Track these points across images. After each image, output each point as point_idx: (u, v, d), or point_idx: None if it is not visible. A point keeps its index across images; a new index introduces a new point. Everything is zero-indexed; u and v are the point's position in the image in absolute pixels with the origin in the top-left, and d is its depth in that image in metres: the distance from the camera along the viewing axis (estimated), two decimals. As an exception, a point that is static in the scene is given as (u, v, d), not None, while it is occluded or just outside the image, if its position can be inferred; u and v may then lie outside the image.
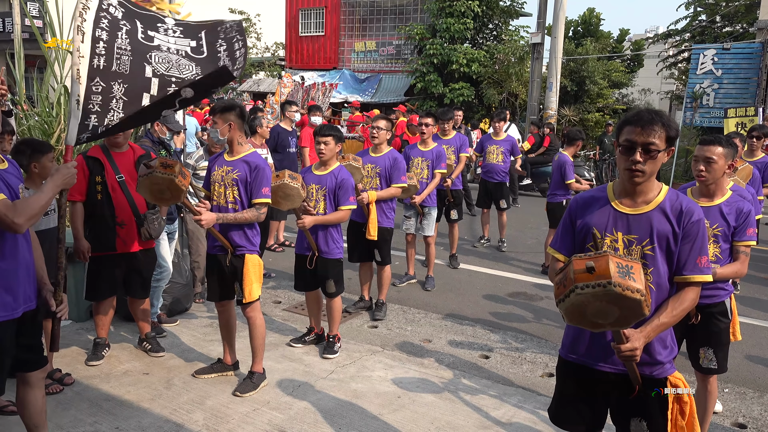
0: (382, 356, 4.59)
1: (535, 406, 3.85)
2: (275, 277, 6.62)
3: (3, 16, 23.21)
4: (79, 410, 3.58)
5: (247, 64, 23.52)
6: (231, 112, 3.77)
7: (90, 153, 4.11)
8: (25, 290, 2.64)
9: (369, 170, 5.33)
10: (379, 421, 3.62)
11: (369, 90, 21.26)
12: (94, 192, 4.06)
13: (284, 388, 3.97)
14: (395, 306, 5.83)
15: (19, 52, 6.55)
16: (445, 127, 7.05)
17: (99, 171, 4.07)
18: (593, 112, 19.38)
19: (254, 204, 3.76)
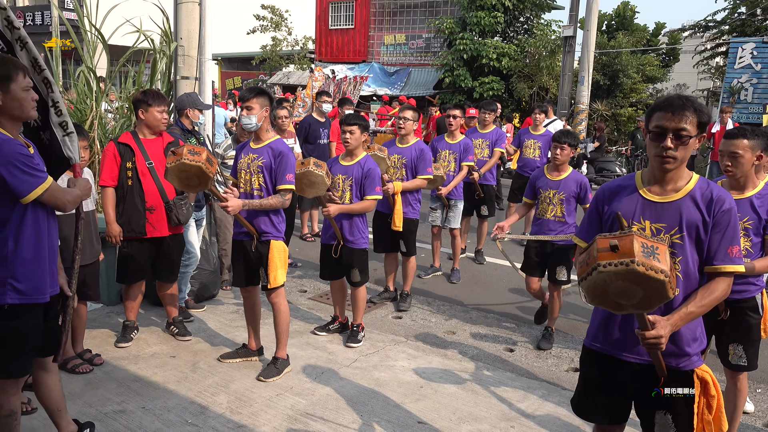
0: (405, 346, 4.59)
1: (560, 400, 3.81)
2: (301, 266, 6.67)
3: (41, 9, 23.79)
4: (108, 390, 3.66)
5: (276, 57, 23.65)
6: (266, 96, 3.81)
7: (121, 139, 4.19)
8: (52, 275, 2.71)
9: (395, 161, 5.32)
10: (401, 409, 3.62)
11: (398, 83, 21.20)
12: (125, 178, 4.14)
13: (308, 375, 4.01)
14: (420, 297, 5.82)
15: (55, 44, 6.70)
16: (485, 117, 6.97)
17: (130, 157, 4.15)
18: (626, 107, 19.01)
19: (279, 190, 3.79)
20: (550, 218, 4.63)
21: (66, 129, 2.93)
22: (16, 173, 2.46)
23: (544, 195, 4.67)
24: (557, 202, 4.61)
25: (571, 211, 4.65)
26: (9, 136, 2.52)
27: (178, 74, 5.57)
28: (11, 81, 2.49)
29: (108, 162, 4.12)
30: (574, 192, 4.61)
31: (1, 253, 2.51)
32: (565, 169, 4.67)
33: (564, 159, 4.59)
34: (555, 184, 4.63)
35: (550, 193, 4.64)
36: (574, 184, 4.63)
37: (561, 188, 4.61)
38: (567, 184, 4.61)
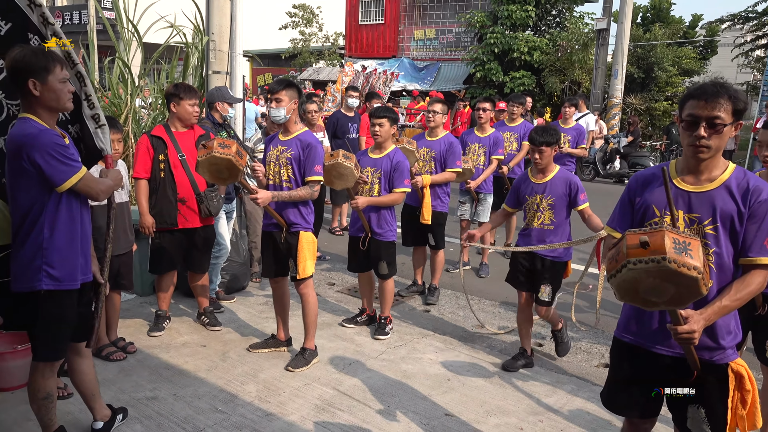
0: (433, 339, 4.58)
1: (589, 395, 3.76)
2: (330, 259, 6.71)
3: (78, 9, 24.36)
4: (141, 377, 3.75)
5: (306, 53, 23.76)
6: (295, 89, 3.84)
7: (154, 132, 4.27)
8: (84, 262, 2.77)
9: (424, 154, 5.30)
10: (428, 401, 3.62)
11: (428, 78, 21.12)
12: (158, 170, 4.22)
13: (335, 366, 4.03)
14: (448, 291, 5.80)
15: (92, 41, 6.87)
16: (513, 111, 6.90)
17: (162, 149, 4.22)
18: (661, 101, 18.57)
19: (307, 182, 3.81)
20: (538, 227, 4.04)
21: (98, 121, 3.00)
22: (52, 162, 2.52)
23: (531, 202, 4.06)
24: (545, 207, 4.03)
25: (563, 219, 4.04)
26: (46, 126, 2.59)
27: (210, 69, 5.65)
28: (49, 73, 2.56)
29: (141, 154, 4.20)
30: (563, 193, 4.00)
31: (37, 240, 2.58)
32: (551, 169, 4.06)
33: (545, 162, 3.99)
34: (540, 187, 4.03)
35: (536, 198, 4.04)
36: (562, 184, 4.00)
37: (548, 191, 4.01)
38: (554, 185, 4.01)
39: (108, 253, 3.04)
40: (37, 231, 2.58)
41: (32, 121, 2.57)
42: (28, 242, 2.59)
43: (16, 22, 3.00)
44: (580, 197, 4.03)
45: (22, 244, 2.60)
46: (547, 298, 4.08)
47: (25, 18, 2.99)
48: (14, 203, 2.61)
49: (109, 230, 3.05)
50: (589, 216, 4.03)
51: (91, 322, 2.93)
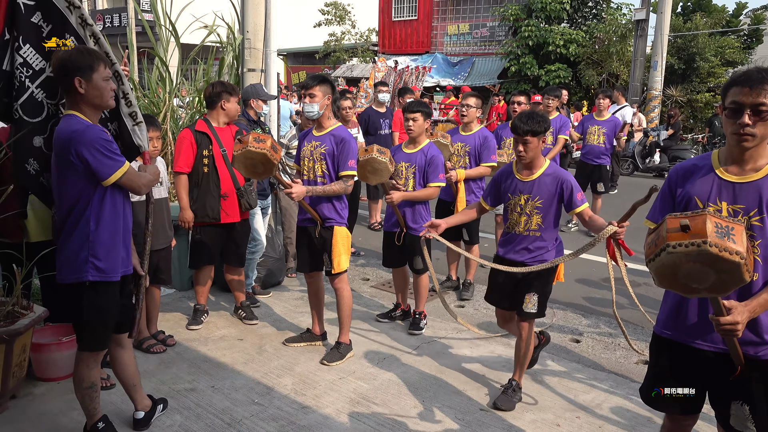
0: (468, 335, 4.56)
1: (628, 392, 3.69)
2: (365, 255, 6.74)
3: (118, 12, 24.98)
4: (180, 369, 3.83)
5: (340, 51, 23.87)
6: (328, 84, 3.86)
7: (197, 127, 4.32)
8: (126, 255, 2.85)
9: (458, 149, 5.27)
10: (463, 396, 3.60)
11: (461, 73, 20.98)
12: (200, 165, 4.28)
13: (370, 360, 4.05)
14: (483, 286, 5.72)
15: (131, 43, 7.05)
16: (549, 103, 6.80)
17: (206, 145, 4.29)
18: (703, 92, 18.03)
19: (341, 176, 3.83)
20: (523, 233, 3.43)
21: (135, 119, 3.08)
22: (99, 157, 2.60)
23: (513, 202, 3.44)
24: (532, 211, 3.39)
25: (552, 223, 3.44)
26: (91, 123, 2.67)
27: (245, 67, 5.72)
28: (94, 71, 2.63)
29: (185, 149, 4.25)
30: (553, 194, 3.37)
31: (84, 232, 2.66)
32: (539, 164, 3.42)
33: (531, 155, 3.34)
34: (526, 186, 3.40)
35: (520, 199, 3.41)
36: (553, 183, 3.37)
37: (535, 192, 3.37)
38: (542, 185, 3.36)
39: (147, 246, 3.11)
40: (83, 224, 2.66)
41: (78, 117, 2.65)
42: (75, 235, 2.67)
43: (56, 24, 3.10)
44: (577, 197, 3.36)
45: (68, 237, 2.68)
46: (533, 308, 3.41)
47: (64, 19, 3.09)
48: (61, 197, 2.70)
49: (147, 224, 3.12)
50: (590, 218, 3.32)
51: (132, 314, 3.01)
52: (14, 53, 3.08)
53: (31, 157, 3.16)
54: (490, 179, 3.68)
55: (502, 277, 3.52)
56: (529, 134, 3.28)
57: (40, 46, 3.09)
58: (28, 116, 3.12)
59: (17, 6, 3.04)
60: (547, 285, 3.50)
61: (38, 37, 3.09)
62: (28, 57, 3.08)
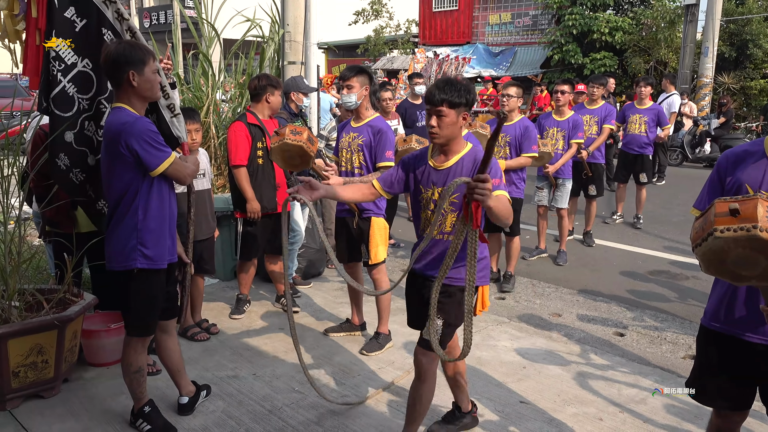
0: (508, 327, 4.51)
1: (675, 387, 3.58)
2: (404, 246, 6.73)
3: (165, 9, 25.56)
4: (223, 356, 3.91)
5: (380, 42, 23.80)
6: (366, 75, 3.87)
7: (249, 120, 4.36)
8: (171, 243, 2.92)
9: (499, 139, 5.20)
10: (503, 388, 3.57)
11: (503, 64, 20.68)
12: (255, 157, 4.33)
13: (409, 350, 4.04)
14: (524, 279, 5.69)
15: (177, 39, 7.22)
16: (594, 92, 6.63)
17: (260, 137, 4.34)
18: (757, 79, 17.28)
19: (379, 167, 3.83)
20: (436, 236, 2.63)
21: (173, 111, 3.15)
22: (147, 148, 2.67)
23: (426, 197, 2.65)
24: (447, 208, 2.60)
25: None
26: (140, 115, 2.74)
27: (285, 60, 5.78)
28: (145, 64, 2.70)
29: (242, 142, 4.28)
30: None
31: (133, 221, 2.74)
32: (458, 148, 2.60)
33: (447, 132, 2.52)
34: (440, 176, 2.60)
35: (434, 193, 2.63)
36: (471, 169, 2.53)
37: (449, 182, 2.49)
38: (459, 173, 2.55)
39: (191, 235, 3.19)
40: (131, 213, 2.74)
41: (127, 110, 2.72)
42: (123, 224, 2.75)
43: (91, 19, 3.18)
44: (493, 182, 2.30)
45: (117, 226, 2.77)
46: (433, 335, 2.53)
47: (100, 14, 3.17)
48: (110, 188, 2.78)
49: (190, 214, 3.20)
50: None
51: (178, 301, 3.10)
52: (48, 48, 3.18)
53: (62, 152, 3.25)
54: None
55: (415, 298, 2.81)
56: (444, 104, 2.47)
57: (73, 41, 3.18)
58: (59, 110, 3.22)
59: (51, 1, 3.13)
60: (455, 310, 2.66)
61: (71, 32, 3.18)
62: (61, 51, 3.18)
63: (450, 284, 2.64)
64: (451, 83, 2.52)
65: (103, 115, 3.31)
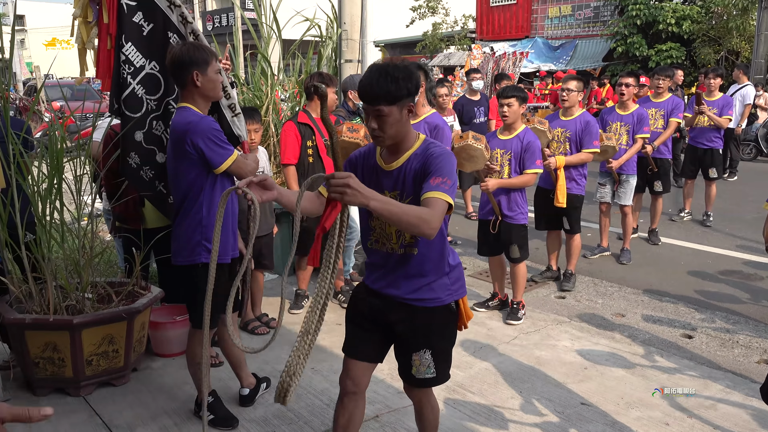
0: (568, 327, 4.41)
1: (747, 393, 3.42)
2: (461, 244, 6.68)
3: (226, 12, 26.30)
4: (282, 350, 3.99)
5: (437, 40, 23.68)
6: (421, 72, 3.87)
7: (300, 119, 4.44)
8: (234, 239, 3.00)
9: (558, 135, 5.08)
10: (563, 389, 3.49)
11: (563, 57, 20.17)
12: (305, 155, 4.40)
13: (466, 348, 4.01)
14: (585, 278, 5.54)
15: (238, 40, 7.41)
16: (659, 84, 6.36)
17: (310, 135, 4.41)
18: (841, 68, 16.19)
19: (436, 164, 3.80)
20: (397, 250, 2.26)
21: (234, 110, 3.24)
22: (212, 146, 2.75)
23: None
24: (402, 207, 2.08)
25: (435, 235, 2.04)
26: (204, 114, 2.82)
27: (342, 58, 5.83)
28: (208, 65, 2.78)
29: (291, 141, 4.36)
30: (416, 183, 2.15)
31: (197, 217, 2.84)
32: (406, 145, 2.21)
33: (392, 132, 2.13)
34: (390, 178, 2.24)
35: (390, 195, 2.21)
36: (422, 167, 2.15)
37: (400, 185, 2.21)
38: (409, 173, 2.19)
39: (251, 231, 3.26)
40: (196, 209, 2.83)
41: (192, 109, 2.81)
42: (188, 220, 2.85)
43: (158, 23, 3.31)
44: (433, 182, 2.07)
45: (182, 222, 2.87)
46: (428, 374, 2.34)
47: (165, 18, 3.30)
48: (176, 185, 2.89)
49: (250, 211, 3.27)
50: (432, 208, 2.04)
51: (240, 295, 3.17)
52: (118, 52, 3.32)
53: (133, 151, 3.40)
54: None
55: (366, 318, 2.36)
56: (382, 102, 2.06)
57: (141, 45, 3.31)
58: (129, 111, 3.36)
59: (120, 7, 3.27)
60: (443, 336, 2.36)
61: (139, 35, 3.32)
62: (130, 55, 3.32)
63: (425, 306, 2.28)
64: (385, 73, 2.05)
65: (171, 115, 3.43)
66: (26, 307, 3.35)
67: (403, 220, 1.91)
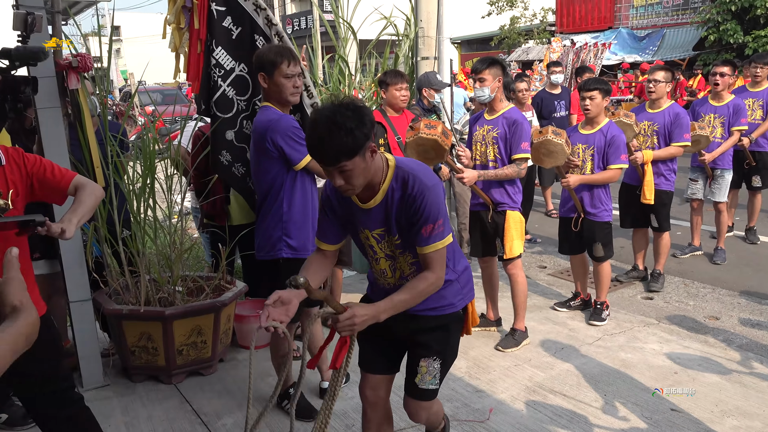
0: (656, 329, 4.20)
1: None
2: (541, 242, 6.53)
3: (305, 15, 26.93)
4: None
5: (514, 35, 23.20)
6: (498, 66, 3.79)
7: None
8: (314, 234, 3.05)
9: (645, 128, 4.85)
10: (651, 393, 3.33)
11: (650, 48, 19.22)
12: None
13: (547, 349, 3.92)
14: (675, 278, 5.26)
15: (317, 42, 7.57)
16: (757, 72, 5.89)
17: (381, 134, 4.45)
18: None
19: (514, 160, 3.74)
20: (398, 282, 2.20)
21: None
22: (291, 144, 2.83)
23: (362, 237, 2.23)
24: (394, 252, 2.17)
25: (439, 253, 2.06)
26: (283, 113, 2.90)
27: (418, 55, 5.82)
28: (275, 68, 2.84)
29: None
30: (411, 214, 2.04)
31: (278, 213, 2.92)
32: (377, 180, 2.05)
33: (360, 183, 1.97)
34: (368, 217, 2.13)
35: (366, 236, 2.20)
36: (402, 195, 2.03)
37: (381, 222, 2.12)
38: (390, 207, 2.06)
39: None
40: (277, 206, 2.92)
41: (272, 108, 2.90)
42: (270, 216, 2.94)
43: (245, 26, 3.43)
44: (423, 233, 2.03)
45: (265, 218, 2.97)
46: (432, 384, 2.24)
47: (252, 22, 3.41)
48: (258, 182, 2.99)
49: None
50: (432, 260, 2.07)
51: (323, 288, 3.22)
52: (209, 56, 3.47)
53: (224, 149, 3.54)
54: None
55: (375, 332, 2.14)
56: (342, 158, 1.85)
57: (230, 48, 3.44)
58: (220, 112, 3.51)
59: (211, 13, 3.41)
60: (448, 343, 2.27)
61: (228, 39, 3.45)
62: (220, 58, 3.46)
63: (437, 314, 2.20)
64: (335, 126, 1.80)
65: None
66: (123, 299, 3.58)
67: (418, 301, 2.04)
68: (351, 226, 2.19)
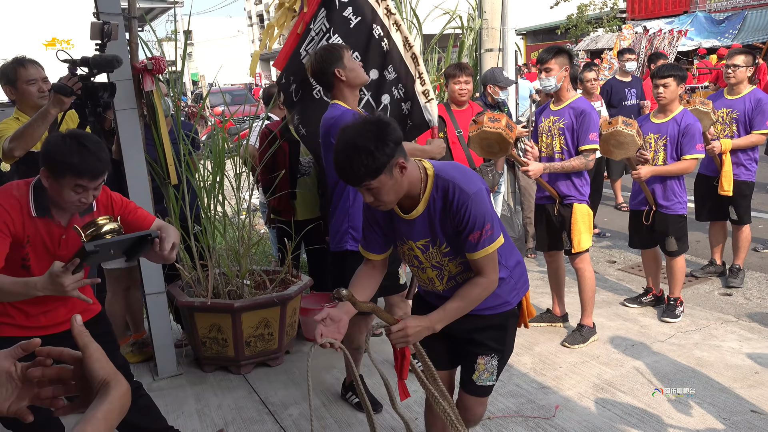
0: (735, 327, 4.00)
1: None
2: (610, 236, 6.32)
3: (368, 12, 27.08)
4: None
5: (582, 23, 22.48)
6: (565, 55, 3.70)
7: None
8: None
9: (723, 115, 4.60)
10: (730, 393, 3.17)
11: (730, 31, 18.19)
12: None
13: (616, 346, 3.80)
14: (756, 273, 4.98)
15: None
16: None
17: (441, 127, 4.42)
18: None
19: (581, 151, 3.63)
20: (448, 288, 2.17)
21: (428, 96, 3.36)
22: None
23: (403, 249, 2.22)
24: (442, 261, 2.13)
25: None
26: (349, 108, 2.93)
27: (483, 47, 5.75)
28: (343, 58, 2.89)
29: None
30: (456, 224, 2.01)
31: (345, 206, 2.97)
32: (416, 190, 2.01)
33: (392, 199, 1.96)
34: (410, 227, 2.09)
35: (411, 246, 2.17)
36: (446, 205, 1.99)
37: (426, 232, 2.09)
38: (431, 218, 2.04)
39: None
40: (344, 198, 2.97)
41: (339, 105, 2.94)
42: (339, 209, 3.00)
43: (366, 16, 3.47)
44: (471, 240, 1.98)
45: (333, 211, 3.03)
46: (490, 381, 2.24)
47: (373, 12, 3.45)
48: (328, 175, 3.06)
49: None
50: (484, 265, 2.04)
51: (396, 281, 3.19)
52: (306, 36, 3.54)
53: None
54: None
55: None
56: (368, 178, 1.86)
57: (347, 37, 3.44)
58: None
59: (332, 3, 3.46)
60: (506, 340, 2.25)
61: (346, 29, 3.48)
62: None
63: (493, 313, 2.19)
64: (356, 149, 1.81)
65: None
66: (195, 292, 3.73)
67: (472, 307, 2.05)
68: (393, 237, 2.17)
